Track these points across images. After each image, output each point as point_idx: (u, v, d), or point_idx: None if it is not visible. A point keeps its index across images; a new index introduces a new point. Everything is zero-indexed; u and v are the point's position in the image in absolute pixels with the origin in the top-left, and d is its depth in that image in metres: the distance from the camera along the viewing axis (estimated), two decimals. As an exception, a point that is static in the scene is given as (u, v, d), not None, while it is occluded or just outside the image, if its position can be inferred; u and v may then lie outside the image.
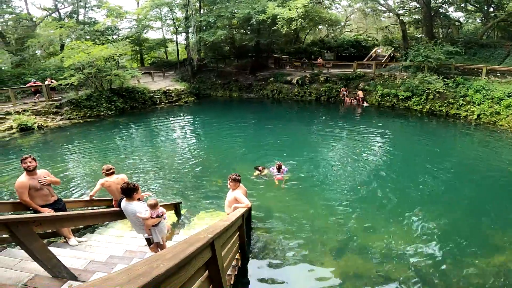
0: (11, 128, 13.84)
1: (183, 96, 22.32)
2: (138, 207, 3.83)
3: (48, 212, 4.02)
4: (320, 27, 31.03)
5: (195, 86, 24.23)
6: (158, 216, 3.82)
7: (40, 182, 4.17)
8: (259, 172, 8.04)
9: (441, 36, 24.17)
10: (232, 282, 3.72)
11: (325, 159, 9.65)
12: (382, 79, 19.19)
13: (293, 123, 16.00)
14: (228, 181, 4.84)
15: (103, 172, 5.08)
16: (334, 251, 5.05)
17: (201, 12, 25.10)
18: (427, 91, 16.32)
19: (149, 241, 4.03)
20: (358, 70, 20.81)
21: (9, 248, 3.76)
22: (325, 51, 28.43)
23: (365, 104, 18.51)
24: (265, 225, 5.89)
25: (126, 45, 20.54)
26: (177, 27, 26.15)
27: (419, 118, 15.68)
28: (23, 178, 4.12)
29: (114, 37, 27.11)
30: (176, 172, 8.85)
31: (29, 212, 4.17)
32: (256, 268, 4.63)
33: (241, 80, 24.79)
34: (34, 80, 17.04)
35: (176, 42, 29.32)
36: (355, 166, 8.90)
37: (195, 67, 25.25)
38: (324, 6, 24.33)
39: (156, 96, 20.76)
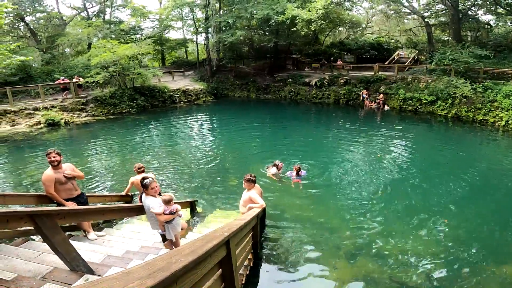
0: (39, 123, 14.62)
1: (201, 95, 22.68)
2: (152, 202, 3.86)
3: (71, 206, 4.14)
4: (340, 28, 30.50)
5: (214, 86, 24.56)
6: (171, 213, 3.82)
7: (65, 175, 4.27)
8: (276, 170, 7.80)
9: (469, 39, 23.08)
10: (243, 282, 3.70)
11: (343, 162, 9.47)
12: (404, 82, 18.60)
13: (310, 125, 15.85)
14: (244, 181, 4.86)
15: (135, 170, 5.23)
16: (348, 254, 4.95)
17: (221, 12, 25.40)
18: (453, 95, 15.65)
19: (164, 237, 4.07)
20: (380, 72, 20.29)
21: (31, 241, 3.88)
22: (345, 53, 27.92)
23: (386, 107, 18.01)
24: (279, 226, 5.86)
25: (148, 44, 21.21)
26: (197, 27, 26.66)
27: (444, 123, 15.07)
28: (50, 172, 4.20)
29: (138, 36, 28.03)
30: (193, 170, 8.99)
31: (52, 206, 4.27)
32: (267, 269, 4.60)
33: (259, 81, 24.84)
34: (63, 78, 17.92)
35: (196, 42, 29.88)
36: (374, 170, 8.67)
37: (214, 67, 25.59)
38: (345, 8, 23.87)
39: (176, 95, 21.23)
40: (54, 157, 4.21)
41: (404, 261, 4.78)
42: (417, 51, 24.45)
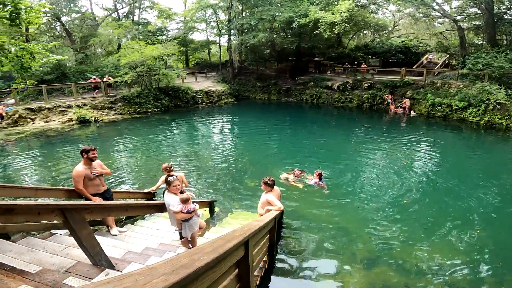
0: (71, 120, 15.49)
1: (223, 97, 23.00)
2: (172, 200, 3.96)
3: (98, 201, 4.28)
4: (365, 32, 29.82)
5: (235, 88, 24.82)
6: (188, 212, 3.88)
7: (93, 173, 4.42)
8: (294, 177, 7.82)
9: (504, 43, 21.69)
10: (257, 283, 3.69)
11: (364, 168, 9.23)
12: (433, 87, 17.81)
13: (331, 129, 15.59)
14: (262, 184, 4.88)
15: (163, 169, 5.35)
16: (365, 261, 4.83)
17: (244, 14, 25.65)
18: (486, 101, 14.79)
19: (181, 235, 4.14)
20: (407, 77, 19.56)
21: (57, 234, 4.00)
22: (370, 56, 27.19)
23: (412, 113, 17.33)
24: (296, 229, 5.82)
25: (173, 45, 21.83)
26: (220, 29, 27.14)
27: (475, 131, 14.27)
28: (80, 168, 4.33)
29: (163, 37, 28.95)
30: (212, 171, 9.13)
31: (80, 200, 4.40)
32: (282, 272, 4.58)
33: (280, 83, 24.79)
34: (94, 77, 18.90)
35: (219, 44, 30.37)
36: (397, 177, 8.36)
37: (236, 69, 25.87)
38: (370, 11, 23.27)
39: (198, 96, 21.69)
40: (95, 153, 4.43)
41: (424, 270, 4.62)
42: (448, 55, 23.34)
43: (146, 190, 6.18)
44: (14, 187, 4.39)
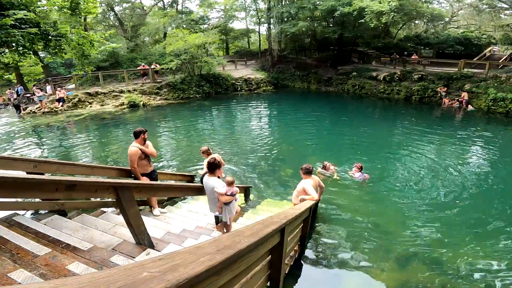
0: (122, 104, 16.77)
1: (262, 84, 23.00)
2: (216, 183, 4.03)
3: (146, 181, 4.52)
4: (416, 22, 27.30)
5: (274, 76, 24.63)
6: (232, 195, 3.98)
7: (144, 153, 4.69)
8: (325, 171, 7.57)
9: None
10: (286, 272, 3.68)
11: (409, 164, 8.64)
12: (497, 81, 15.81)
13: (374, 121, 14.76)
14: (300, 171, 4.84)
15: (203, 152, 5.54)
16: (398, 259, 4.61)
17: (283, 3, 24.97)
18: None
19: (217, 220, 4.26)
20: (465, 69, 17.62)
21: (107, 212, 4.13)
22: (422, 47, 24.94)
23: (469, 107, 15.67)
24: (330, 221, 5.73)
25: (214, 34, 22.21)
26: (259, 17, 26.87)
27: (544, 130, 12.47)
28: (136, 147, 4.52)
29: (205, 26, 29.57)
30: (249, 157, 9.28)
31: (130, 179, 4.64)
32: (311, 262, 4.54)
33: (320, 72, 23.99)
34: (144, 64, 20.16)
35: (259, 32, 30.21)
36: (445, 176, 7.71)
37: (275, 57, 25.57)
38: (423, 0, 21.11)
39: (238, 83, 21.97)
40: (146, 135, 4.73)
41: (463, 272, 4.31)
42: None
43: (196, 172, 6.27)
44: (74, 164, 4.63)
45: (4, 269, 2.20)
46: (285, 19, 23.90)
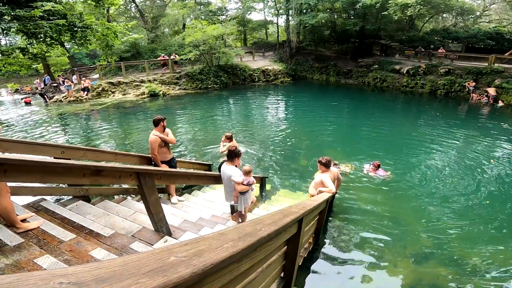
0: (143, 93, 17.17)
1: (279, 76, 22.75)
2: (233, 171, 4.03)
3: (165, 168, 4.58)
4: (444, 15, 25.84)
5: (292, 68, 24.27)
6: (248, 184, 3.96)
7: (164, 140, 4.74)
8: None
9: None
10: (299, 263, 3.66)
11: (431, 161, 8.32)
12: (530, 75, 14.82)
13: (395, 115, 14.27)
14: (318, 164, 4.78)
15: (227, 138, 5.62)
16: (414, 255, 4.51)
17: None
18: None
19: (233, 209, 4.27)
20: (496, 64, 16.62)
21: (128, 199, 4.15)
22: (450, 41, 23.69)
23: (499, 103, 14.81)
24: (346, 215, 5.65)
25: (232, 25, 22.10)
26: (278, 9, 26.36)
27: None
28: (156, 135, 4.57)
29: (223, 17, 29.42)
30: (265, 148, 9.25)
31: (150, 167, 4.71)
32: (325, 256, 4.52)
33: (340, 65, 23.40)
34: (163, 55, 20.45)
35: (277, 24, 29.69)
36: (470, 175, 7.37)
37: (294, 49, 25.17)
38: None
39: (255, 74, 21.86)
40: (165, 122, 4.82)
41: (481, 274, 4.16)
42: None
43: (214, 161, 6.34)
44: (99, 151, 4.67)
45: (31, 254, 2.23)
46: (304, 10, 23.37)
